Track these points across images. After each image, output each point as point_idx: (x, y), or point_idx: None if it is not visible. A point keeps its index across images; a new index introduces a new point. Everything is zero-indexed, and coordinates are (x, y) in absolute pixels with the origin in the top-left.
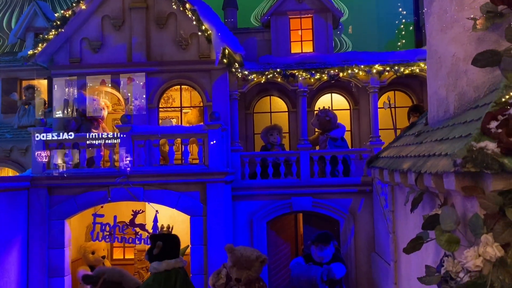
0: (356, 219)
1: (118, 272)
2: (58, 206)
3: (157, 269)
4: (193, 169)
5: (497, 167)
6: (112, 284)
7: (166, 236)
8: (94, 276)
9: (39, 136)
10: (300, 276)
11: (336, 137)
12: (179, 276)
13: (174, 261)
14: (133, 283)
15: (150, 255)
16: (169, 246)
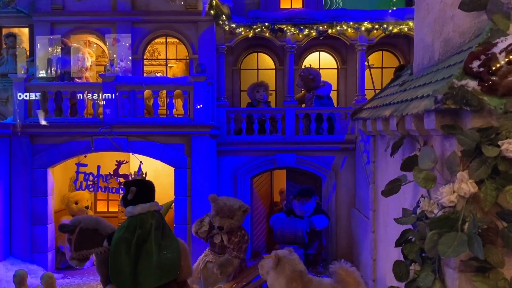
0: (338, 176)
1: (94, 219)
2: (40, 154)
3: (131, 213)
4: (178, 121)
5: (477, 104)
6: (89, 231)
7: (140, 181)
8: (70, 225)
9: (21, 83)
10: (285, 229)
11: (322, 95)
12: (154, 219)
13: (149, 204)
14: (109, 229)
15: (125, 200)
16: (143, 191)
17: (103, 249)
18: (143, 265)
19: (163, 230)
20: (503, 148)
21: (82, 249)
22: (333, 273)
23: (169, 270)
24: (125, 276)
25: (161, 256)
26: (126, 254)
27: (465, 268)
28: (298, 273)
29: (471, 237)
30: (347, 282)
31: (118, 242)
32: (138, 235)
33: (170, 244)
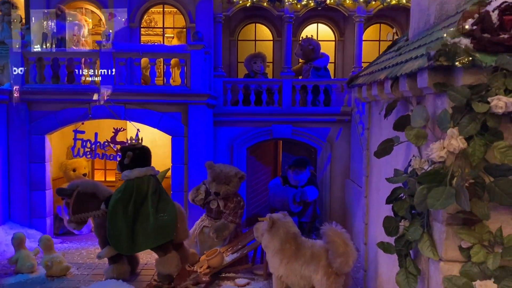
0: (333, 148)
1: (91, 184)
2: (38, 121)
3: (128, 176)
4: (175, 89)
5: (469, 61)
6: (86, 195)
7: (136, 146)
8: (68, 189)
9: (18, 49)
10: (276, 195)
11: (319, 66)
12: (151, 182)
13: (145, 169)
14: (106, 193)
15: (122, 165)
16: (140, 156)
17: (100, 212)
18: (140, 227)
19: (159, 194)
20: (492, 104)
21: (79, 212)
22: (323, 234)
23: (165, 232)
24: (122, 237)
25: (157, 218)
26: (123, 216)
27: (452, 221)
28: (291, 235)
29: (459, 191)
30: (335, 243)
31: (115, 205)
32: (135, 198)
33: (166, 207)
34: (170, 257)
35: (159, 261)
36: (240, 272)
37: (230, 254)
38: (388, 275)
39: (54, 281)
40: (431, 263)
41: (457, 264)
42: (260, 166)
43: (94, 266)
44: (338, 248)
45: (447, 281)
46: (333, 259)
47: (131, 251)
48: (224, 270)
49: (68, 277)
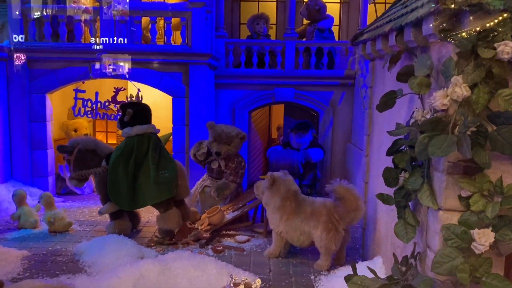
0: (335, 112)
1: (92, 141)
2: (38, 79)
3: (128, 133)
4: (176, 48)
5: (476, 5)
6: (87, 152)
7: (136, 104)
8: (69, 146)
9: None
10: (280, 160)
11: (324, 28)
12: (151, 140)
13: (145, 126)
14: (107, 150)
15: (122, 122)
16: (140, 114)
17: (101, 169)
18: (141, 183)
19: (160, 152)
20: (499, 50)
21: (80, 169)
22: (331, 191)
23: (166, 189)
24: (123, 193)
25: (158, 175)
26: (124, 172)
27: (452, 170)
28: (292, 193)
29: (461, 138)
30: (346, 199)
31: (116, 162)
32: (135, 155)
33: (167, 164)
34: (171, 213)
35: (160, 217)
36: (241, 230)
37: (230, 212)
38: (386, 230)
39: (56, 236)
40: (430, 213)
41: (456, 213)
42: (257, 131)
43: (96, 223)
44: (351, 203)
45: (446, 229)
46: (345, 215)
47: (132, 207)
48: (224, 228)
49: (71, 233)
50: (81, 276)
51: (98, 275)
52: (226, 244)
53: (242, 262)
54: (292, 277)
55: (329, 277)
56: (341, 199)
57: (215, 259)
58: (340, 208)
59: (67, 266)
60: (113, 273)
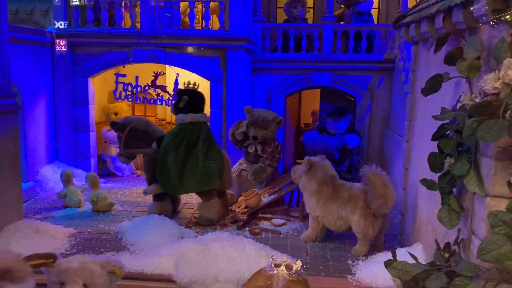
0: (373, 96)
1: (144, 121)
2: (81, 64)
3: (182, 120)
4: (214, 33)
5: None
6: (138, 131)
7: (192, 91)
8: (121, 123)
9: None
10: (316, 145)
11: (363, 11)
12: (202, 129)
13: (199, 115)
14: (158, 132)
15: (176, 108)
16: (195, 101)
17: (151, 151)
18: (188, 171)
19: (209, 141)
20: None
21: (130, 147)
22: (362, 176)
23: (212, 179)
24: (171, 178)
25: (206, 165)
26: (174, 158)
27: (502, 156)
28: (329, 177)
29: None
30: (375, 184)
31: (167, 146)
32: (186, 142)
33: (215, 155)
34: (213, 203)
35: (201, 205)
36: (277, 213)
37: (267, 196)
38: (427, 217)
39: (100, 215)
40: (476, 199)
41: (504, 200)
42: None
43: (137, 204)
44: (378, 190)
45: (493, 216)
46: (372, 201)
47: (177, 192)
48: (261, 211)
49: (113, 213)
50: (124, 253)
51: (140, 253)
52: (263, 227)
53: (279, 245)
54: (330, 261)
55: (367, 262)
56: (369, 184)
57: (253, 241)
58: (368, 193)
59: (111, 244)
60: (155, 251)
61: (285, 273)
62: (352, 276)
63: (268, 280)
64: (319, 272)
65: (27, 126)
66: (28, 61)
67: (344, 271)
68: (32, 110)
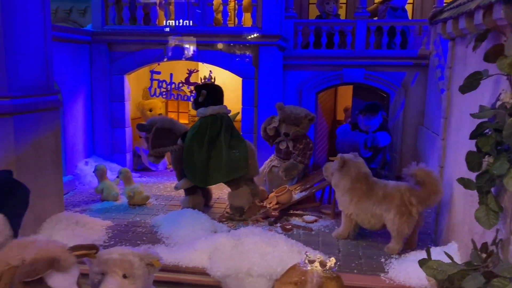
0: (407, 93)
1: (169, 120)
2: (118, 61)
3: (203, 114)
4: (246, 30)
5: None
6: (164, 130)
7: (210, 85)
8: (147, 124)
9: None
10: (345, 140)
11: (397, 6)
12: (224, 120)
13: (218, 107)
14: (182, 129)
15: (196, 103)
16: (213, 94)
17: (177, 147)
18: (214, 161)
19: (231, 132)
20: None
21: (158, 146)
22: (410, 175)
23: (237, 167)
24: (198, 170)
25: (230, 154)
26: (199, 151)
27: None
28: (363, 175)
29: None
30: (427, 182)
31: (191, 140)
32: (209, 134)
33: (238, 144)
34: (242, 191)
35: (231, 194)
36: (308, 210)
37: (298, 193)
38: (463, 216)
39: (135, 208)
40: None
41: None
42: (322, 112)
43: (171, 198)
44: (433, 187)
45: None
46: (426, 198)
47: (205, 184)
48: (292, 207)
49: (148, 206)
50: (160, 246)
51: (175, 246)
52: (294, 223)
53: (310, 242)
54: (362, 259)
55: (400, 260)
56: (421, 182)
57: (285, 237)
58: (420, 191)
59: (147, 237)
60: (190, 245)
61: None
62: (385, 274)
63: (302, 276)
64: (352, 269)
65: (66, 122)
66: (67, 59)
67: (377, 269)
68: (71, 107)
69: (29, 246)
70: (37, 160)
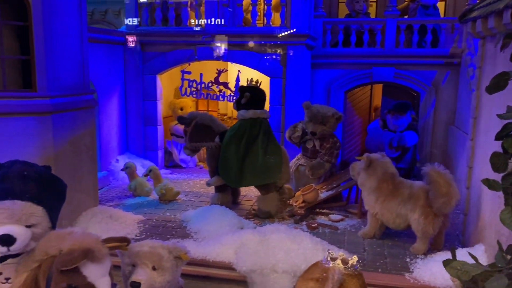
0: (438, 92)
1: (209, 116)
2: (150, 62)
3: (243, 116)
4: (275, 30)
5: None
6: (203, 126)
7: (254, 88)
8: (188, 118)
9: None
10: (373, 139)
11: (428, 4)
12: (263, 125)
13: (259, 111)
14: (221, 127)
15: (238, 104)
16: (256, 98)
17: (214, 145)
18: (248, 164)
19: (269, 137)
20: None
21: (195, 141)
22: (424, 174)
23: (271, 173)
24: (232, 170)
25: (265, 159)
26: (235, 152)
27: None
28: (389, 175)
29: None
30: (438, 183)
31: (229, 141)
32: (247, 137)
33: (274, 150)
34: (271, 196)
35: (260, 198)
36: (334, 209)
37: (324, 191)
38: (490, 217)
39: (166, 204)
40: None
41: None
42: (356, 111)
43: (200, 194)
44: (441, 188)
45: None
46: (434, 199)
47: (238, 185)
48: (318, 206)
49: (178, 202)
50: (188, 241)
51: (203, 241)
52: (320, 222)
53: (336, 240)
54: (387, 258)
55: (426, 260)
56: (432, 183)
57: (310, 235)
58: (431, 192)
59: (176, 232)
60: (217, 240)
61: (341, 267)
62: (410, 274)
63: (324, 273)
64: (376, 268)
65: (101, 120)
66: (102, 59)
67: (401, 269)
68: (105, 105)
69: (66, 237)
70: (74, 156)
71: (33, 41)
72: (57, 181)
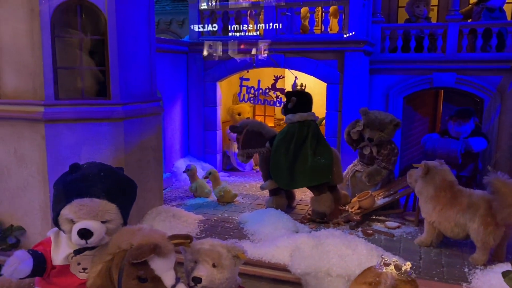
0: (504, 98)
1: (258, 123)
2: (211, 69)
3: (291, 120)
4: (332, 37)
5: None
6: (254, 133)
7: (300, 92)
8: (239, 126)
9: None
10: (438, 148)
11: (494, 7)
12: (311, 127)
13: (306, 114)
14: (271, 133)
15: (286, 109)
16: (302, 101)
17: (265, 150)
18: (299, 166)
19: (318, 138)
20: None
21: (247, 147)
22: (487, 183)
23: (322, 174)
24: (283, 173)
25: (315, 160)
26: (285, 155)
27: None
28: (448, 183)
29: None
30: (503, 193)
31: (278, 145)
32: (296, 139)
33: (324, 151)
34: (324, 197)
35: (314, 199)
36: (391, 216)
37: (381, 198)
38: None
39: (224, 205)
40: None
41: None
42: (417, 116)
43: (256, 197)
44: (506, 199)
45: None
46: (499, 210)
47: (289, 187)
48: (374, 213)
49: (235, 204)
50: (245, 241)
51: (259, 243)
52: (376, 228)
53: (391, 247)
54: (444, 267)
55: (485, 271)
56: (496, 193)
57: (365, 241)
58: (495, 202)
59: (234, 232)
60: (272, 242)
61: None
62: (468, 284)
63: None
64: (432, 277)
65: (166, 125)
66: (168, 68)
67: (459, 279)
68: (169, 111)
69: (136, 233)
70: (142, 158)
71: (108, 53)
72: (129, 181)
